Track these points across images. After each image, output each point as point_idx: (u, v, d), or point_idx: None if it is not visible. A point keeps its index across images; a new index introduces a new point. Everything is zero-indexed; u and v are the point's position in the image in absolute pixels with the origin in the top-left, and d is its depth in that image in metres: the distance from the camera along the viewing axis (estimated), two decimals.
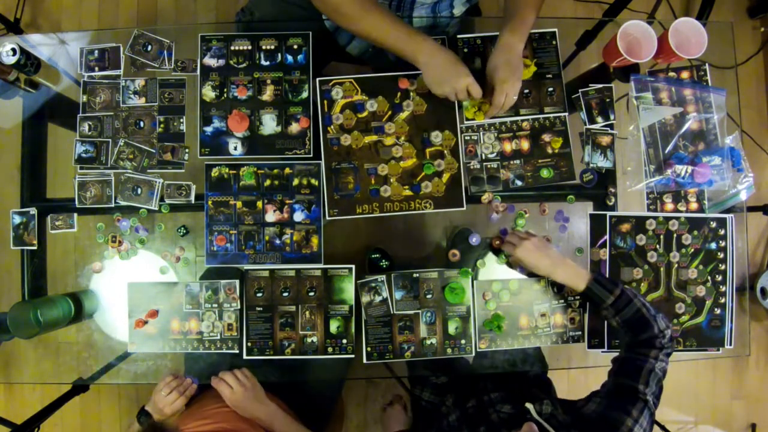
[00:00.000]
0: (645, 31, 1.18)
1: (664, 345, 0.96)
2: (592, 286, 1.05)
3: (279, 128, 1.21)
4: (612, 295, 1.03)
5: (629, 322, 1.02)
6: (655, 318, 0.99)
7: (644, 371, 0.92)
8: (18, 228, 1.21)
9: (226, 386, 1.07)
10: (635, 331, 1.00)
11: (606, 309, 1.05)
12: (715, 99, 1.26)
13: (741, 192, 1.24)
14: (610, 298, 1.03)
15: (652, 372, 0.92)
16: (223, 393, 1.07)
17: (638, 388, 0.89)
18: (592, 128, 1.24)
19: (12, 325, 1.08)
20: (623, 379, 0.93)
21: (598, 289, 1.05)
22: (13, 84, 1.24)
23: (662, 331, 0.98)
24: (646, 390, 0.89)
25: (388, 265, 1.22)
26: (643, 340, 0.98)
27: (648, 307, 1.02)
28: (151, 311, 1.17)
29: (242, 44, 1.23)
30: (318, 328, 1.18)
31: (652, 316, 1.00)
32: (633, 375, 0.92)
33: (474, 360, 1.21)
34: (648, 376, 0.91)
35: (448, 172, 1.20)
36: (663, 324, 0.99)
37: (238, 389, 1.07)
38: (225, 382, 1.08)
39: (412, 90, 1.21)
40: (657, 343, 0.96)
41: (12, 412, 2.00)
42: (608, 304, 1.04)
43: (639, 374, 0.91)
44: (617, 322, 1.04)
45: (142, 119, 1.22)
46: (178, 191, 1.21)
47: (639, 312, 1.01)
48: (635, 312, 1.01)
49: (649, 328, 0.98)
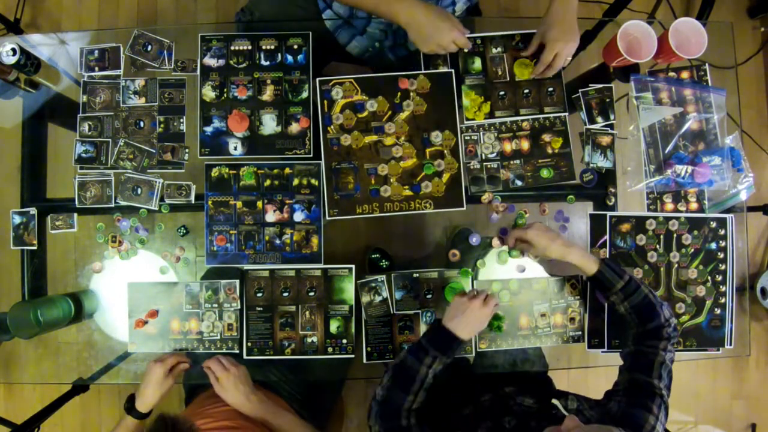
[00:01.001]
0: (645, 31, 1.18)
1: (671, 335, 0.99)
2: (604, 269, 1.05)
3: (279, 128, 1.21)
4: (621, 279, 1.04)
5: (637, 307, 1.02)
6: (661, 305, 1.01)
7: (656, 364, 0.94)
8: (18, 228, 1.21)
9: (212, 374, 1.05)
10: (643, 319, 1.01)
11: (615, 294, 1.05)
12: (715, 99, 1.26)
13: (741, 192, 1.24)
14: (620, 283, 1.04)
15: (663, 364, 0.95)
16: (211, 380, 1.05)
17: (653, 383, 0.92)
18: (592, 128, 1.24)
19: (12, 325, 1.08)
20: (637, 374, 0.95)
21: (609, 272, 1.05)
22: (13, 84, 1.24)
23: (668, 319, 1.00)
24: (660, 384, 0.92)
25: (388, 265, 1.23)
26: (651, 330, 0.99)
27: (654, 294, 1.03)
28: (151, 311, 1.17)
29: (242, 44, 1.23)
30: (318, 328, 1.18)
31: (659, 303, 1.01)
32: (646, 370, 0.94)
33: (474, 360, 1.21)
34: (660, 369, 0.94)
35: (448, 172, 1.20)
36: (668, 313, 1.01)
37: (222, 374, 1.04)
38: (211, 369, 1.06)
39: (412, 90, 1.21)
40: (664, 333, 0.98)
41: (12, 412, 2.00)
42: (618, 288, 1.04)
43: (652, 368, 0.94)
44: (625, 308, 1.05)
45: (142, 119, 1.22)
46: (178, 191, 1.21)
47: (647, 298, 1.02)
48: (643, 298, 1.02)
49: (656, 316, 1.00)
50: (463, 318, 0.98)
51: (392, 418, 0.94)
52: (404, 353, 0.99)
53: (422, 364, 0.96)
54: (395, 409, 0.94)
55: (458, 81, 1.22)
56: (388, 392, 0.96)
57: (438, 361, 0.96)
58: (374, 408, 0.96)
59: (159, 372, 1.04)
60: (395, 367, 0.98)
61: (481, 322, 1.01)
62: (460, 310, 1.00)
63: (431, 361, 0.96)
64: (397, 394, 0.95)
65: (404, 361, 0.98)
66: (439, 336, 0.99)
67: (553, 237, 1.09)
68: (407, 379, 0.96)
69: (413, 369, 0.96)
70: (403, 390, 0.95)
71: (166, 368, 1.05)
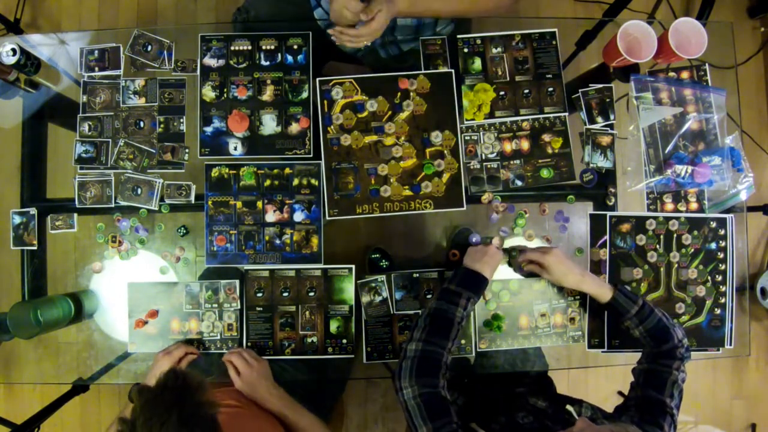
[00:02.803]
0: (645, 31, 1.18)
1: (684, 356, 1.00)
2: (618, 296, 1.06)
3: (279, 128, 1.21)
4: (636, 305, 1.04)
5: (652, 331, 1.03)
6: (674, 327, 1.02)
7: (669, 383, 0.95)
8: (18, 228, 1.21)
9: (233, 368, 1.06)
10: (657, 341, 1.02)
11: (630, 319, 1.05)
12: (715, 99, 1.26)
13: (741, 192, 1.24)
14: (634, 308, 1.04)
15: (675, 383, 0.96)
16: (231, 375, 1.06)
17: (665, 402, 0.92)
18: (592, 128, 1.24)
19: (12, 325, 1.08)
20: (650, 391, 0.95)
21: (623, 299, 1.05)
22: (13, 84, 1.24)
23: (681, 340, 1.01)
24: (671, 403, 0.93)
25: (388, 265, 1.23)
26: (665, 351, 1.00)
27: (667, 316, 1.04)
28: (151, 311, 1.17)
29: (242, 44, 1.23)
30: (318, 328, 1.18)
31: (672, 325, 1.03)
32: (659, 388, 0.95)
33: (474, 360, 1.21)
34: (672, 388, 0.95)
35: (448, 172, 1.20)
36: (681, 334, 1.02)
37: (245, 370, 1.05)
38: (232, 363, 1.06)
39: (412, 90, 1.21)
40: (678, 353, 0.99)
41: (12, 412, 2.00)
42: (633, 314, 1.04)
43: (664, 387, 0.95)
44: (640, 332, 1.05)
45: (142, 119, 1.22)
46: (178, 191, 1.21)
47: (661, 321, 1.03)
48: (657, 322, 1.03)
49: (670, 339, 1.01)
50: (485, 259, 1.06)
51: (430, 373, 0.89)
52: (432, 303, 0.99)
53: (458, 306, 0.98)
54: (435, 363, 0.90)
55: (458, 81, 1.22)
56: (425, 344, 0.92)
57: (471, 302, 1.00)
58: (406, 366, 0.90)
59: (167, 365, 1.04)
60: (428, 317, 0.96)
61: (498, 262, 1.10)
62: (479, 254, 1.08)
63: (465, 302, 0.99)
64: (436, 342, 0.92)
65: (438, 309, 0.97)
66: (468, 277, 1.04)
67: (570, 266, 1.09)
68: (445, 323, 0.95)
69: (450, 312, 0.97)
70: (443, 336, 0.93)
71: (174, 361, 1.05)
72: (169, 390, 0.69)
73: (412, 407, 0.86)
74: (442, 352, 0.92)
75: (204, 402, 0.70)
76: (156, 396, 0.68)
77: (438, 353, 0.92)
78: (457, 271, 1.07)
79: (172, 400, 0.67)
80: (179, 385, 0.69)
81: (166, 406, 0.66)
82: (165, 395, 0.68)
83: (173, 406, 0.66)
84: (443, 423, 0.83)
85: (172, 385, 0.69)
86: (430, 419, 0.84)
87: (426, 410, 0.85)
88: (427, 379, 0.88)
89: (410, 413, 0.86)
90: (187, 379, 0.71)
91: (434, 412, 0.85)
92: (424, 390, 0.87)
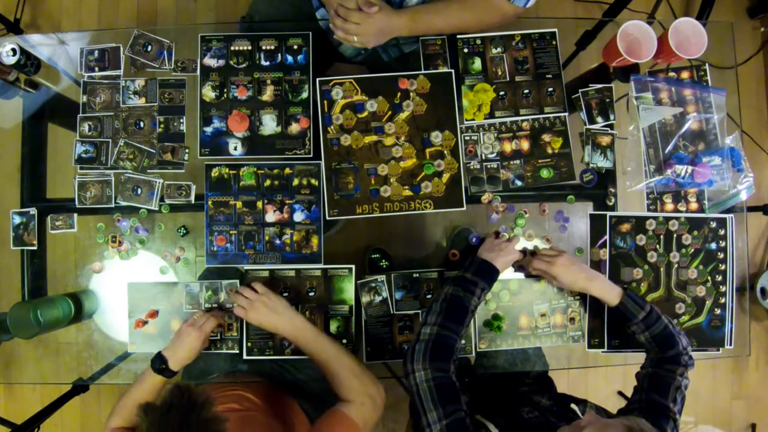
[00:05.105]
0: (645, 31, 1.18)
1: (687, 363, 1.01)
2: (626, 301, 1.05)
3: (279, 128, 1.21)
4: (643, 310, 1.04)
5: (658, 337, 1.03)
6: (679, 335, 1.03)
7: (672, 389, 0.96)
8: (18, 228, 1.21)
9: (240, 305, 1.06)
10: (663, 347, 1.02)
11: (637, 324, 1.05)
12: (715, 99, 1.26)
13: (741, 192, 1.24)
14: (641, 314, 1.04)
15: (679, 389, 0.97)
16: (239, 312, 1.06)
17: (669, 406, 0.93)
18: (592, 128, 1.24)
19: (12, 325, 1.08)
20: (654, 395, 0.96)
21: (631, 304, 1.05)
22: (13, 84, 1.24)
23: (685, 347, 1.02)
24: (674, 408, 0.94)
25: (388, 265, 1.22)
26: (670, 357, 1.01)
27: (672, 323, 1.05)
28: (151, 311, 1.17)
29: (242, 44, 1.23)
30: (318, 328, 1.18)
31: (677, 333, 1.03)
32: (663, 393, 0.96)
33: (474, 360, 1.21)
34: (675, 393, 0.96)
35: (448, 172, 1.20)
36: (685, 341, 1.03)
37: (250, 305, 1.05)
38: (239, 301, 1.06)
39: (412, 90, 1.21)
40: (682, 360, 1.00)
41: (12, 412, 2.00)
42: (640, 319, 1.04)
43: (668, 392, 0.96)
44: (646, 337, 1.05)
45: (142, 119, 1.22)
46: (178, 191, 1.21)
47: (667, 328, 1.03)
48: (663, 328, 1.03)
49: (675, 345, 1.01)
50: (500, 253, 1.07)
51: (444, 358, 0.89)
52: (448, 289, 1.00)
53: (473, 294, 0.99)
54: (449, 348, 0.90)
55: (458, 81, 1.22)
56: (440, 327, 0.92)
57: (484, 292, 1.02)
58: (420, 349, 0.90)
59: (195, 337, 1.04)
60: (444, 302, 0.97)
61: (512, 261, 1.11)
62: (496, 248, 1.09)
63: (480, 292, 1.00)
64: (451, 327, 0.93)
65: (454, 295, 0.98)
66: (484, 268, 1.05)
67: (578, 271, 1.09)
68: (460, 310, 0.96)
69: (466, 299, 0.97)
70: (458, 321, 0.94)
71: (204, 338, 1.05)
72: (175, 409, 0.68)
73: (423, 390, 0.86)
74: (456, 338, 0.93)
75: (210, 419, 0.70)
76: (162, 415, 0.68)
77: (452, 338, 0.92)
78: (474, 259, 1.07)
79: (179, 420, 0.67)
80: (185, 404, 0.69)
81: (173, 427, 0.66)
82: (171, 415, 0.68)
83: (180, 426, 0.66)
84: (454, 409, 0.83)
85: (178, 404, 0.69)
86: (442, 404, 0.84)
87: (438, 394, 0.85)
88: (440, 363, 0.88)
89: (421, 397, 0.85)
90: (193, 397, 0.70)
91: (446, 397, 0.85)
92: (438, 374, 0.87)
